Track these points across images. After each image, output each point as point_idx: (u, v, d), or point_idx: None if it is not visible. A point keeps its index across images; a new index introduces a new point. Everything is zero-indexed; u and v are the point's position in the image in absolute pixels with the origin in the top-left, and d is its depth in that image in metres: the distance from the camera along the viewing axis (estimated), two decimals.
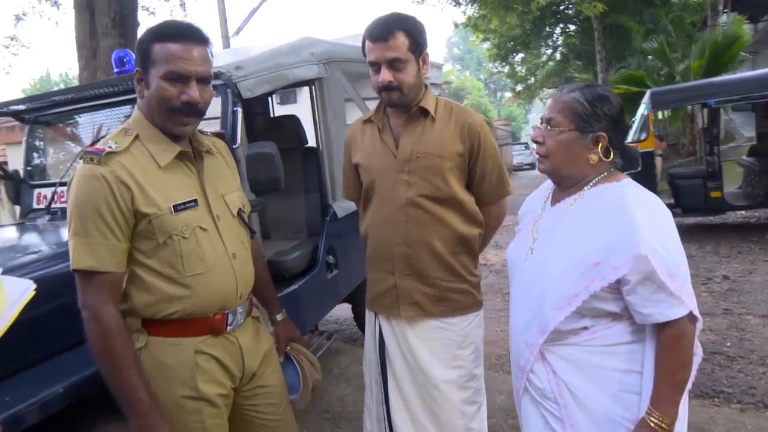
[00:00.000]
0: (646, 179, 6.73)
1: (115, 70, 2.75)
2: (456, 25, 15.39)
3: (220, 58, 2.76)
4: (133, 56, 2.83)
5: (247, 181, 2.25)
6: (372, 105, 3.41)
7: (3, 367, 1.64)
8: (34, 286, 1.30)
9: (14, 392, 1.56)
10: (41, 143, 3.07)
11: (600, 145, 1.34)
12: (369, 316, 1.95)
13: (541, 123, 1.42)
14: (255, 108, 4.20)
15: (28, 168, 3.07)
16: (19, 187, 2.95)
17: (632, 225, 1.22)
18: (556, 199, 1.45)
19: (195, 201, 1.45)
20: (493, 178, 1.79)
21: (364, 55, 1.74)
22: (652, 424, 1.22)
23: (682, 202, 6.81)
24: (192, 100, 1.40)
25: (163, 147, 1.44)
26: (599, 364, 1.32)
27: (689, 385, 1.28)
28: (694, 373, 1.29)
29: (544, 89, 22.71)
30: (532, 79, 19.77)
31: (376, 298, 1.88)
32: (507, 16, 13.84)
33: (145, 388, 1.36)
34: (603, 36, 12.12)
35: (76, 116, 2.97)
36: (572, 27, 16.53)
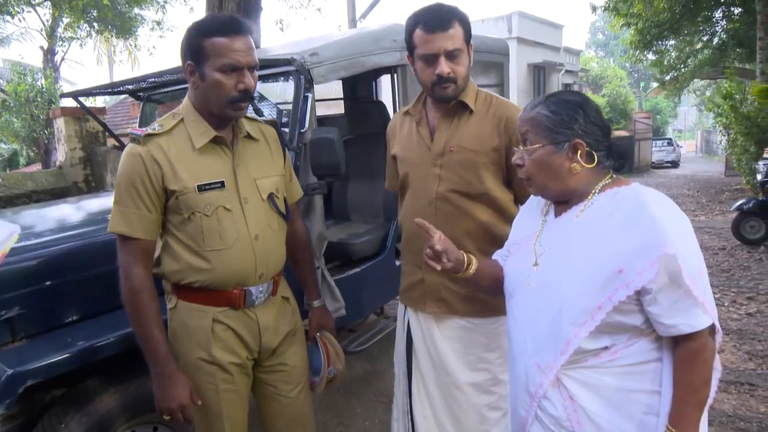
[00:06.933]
0: None
1: None
2: (594, 9, 14.29)
3: (301, 44, 2.86)
4: None
5: (309, 165, 2.33)
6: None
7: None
8: (19, 230, 1.47)
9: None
10: (153, 118, 3.42)
11: (579, 152, 1.24)
12: (400, 307, 1.94)
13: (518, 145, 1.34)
14: (360, 91, 4.30)
15: None
16: None
17: (656, 225, 1.13)
18: (559, 211, 1.34)
19: (222, 183, 1.53)
20: None
21: (411, 47, 1.68)
22: None
23: None
24: (248, 87, 1.50)
25: (201, 131, 1.54)
26: (621, 386, 1.21)
27: (710, 401, 1.17)
28: (714, 389, 1.18)
29: (695, 80, 20.31)
30: (682, 68, 17.77)
31: (406, 291, 1.87)
32: None
33: (163, 342, 1.49)
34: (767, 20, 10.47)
35: (179, 95, 3.28)
36: (736, 10, 14.52)
